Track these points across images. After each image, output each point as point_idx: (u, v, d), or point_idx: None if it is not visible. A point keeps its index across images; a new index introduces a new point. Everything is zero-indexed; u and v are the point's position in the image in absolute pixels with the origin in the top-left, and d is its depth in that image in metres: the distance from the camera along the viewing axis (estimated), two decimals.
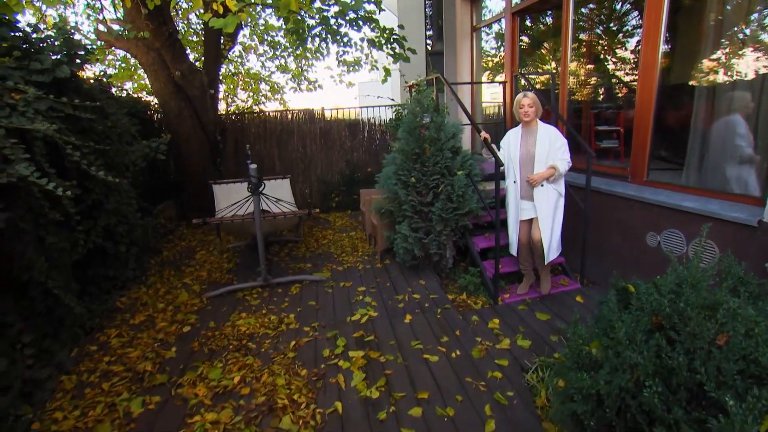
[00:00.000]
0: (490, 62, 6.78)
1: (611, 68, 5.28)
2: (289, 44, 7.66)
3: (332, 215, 6.89)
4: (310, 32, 5.26)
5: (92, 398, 2.35)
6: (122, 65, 7.61)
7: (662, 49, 3.04)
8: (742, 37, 2.97)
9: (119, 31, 5.10)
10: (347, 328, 3.02)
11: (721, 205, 2.66)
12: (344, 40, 5.48)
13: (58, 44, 2.79)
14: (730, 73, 3.06)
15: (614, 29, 5.26)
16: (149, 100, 6.28)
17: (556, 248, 3.17)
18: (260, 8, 7.00)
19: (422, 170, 3.61)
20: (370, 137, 7.31)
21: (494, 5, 5.85)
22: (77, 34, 3.05)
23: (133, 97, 5.99)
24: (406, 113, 4.09)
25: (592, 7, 4.87)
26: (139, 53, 5.05)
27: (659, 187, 3.21)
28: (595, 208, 3.48)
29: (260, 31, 8.03)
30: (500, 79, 5.85)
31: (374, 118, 7.23)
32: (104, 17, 5.34)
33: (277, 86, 9.10)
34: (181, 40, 5.72)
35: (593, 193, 3.45)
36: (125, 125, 3.61)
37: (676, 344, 1.20)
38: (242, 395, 2.28)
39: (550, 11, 5.50)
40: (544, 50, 6.15)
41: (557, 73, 4.52)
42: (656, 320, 1.29)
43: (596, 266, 3.65)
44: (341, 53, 7.33)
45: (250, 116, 7.09)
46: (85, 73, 3.33)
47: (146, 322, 3.20)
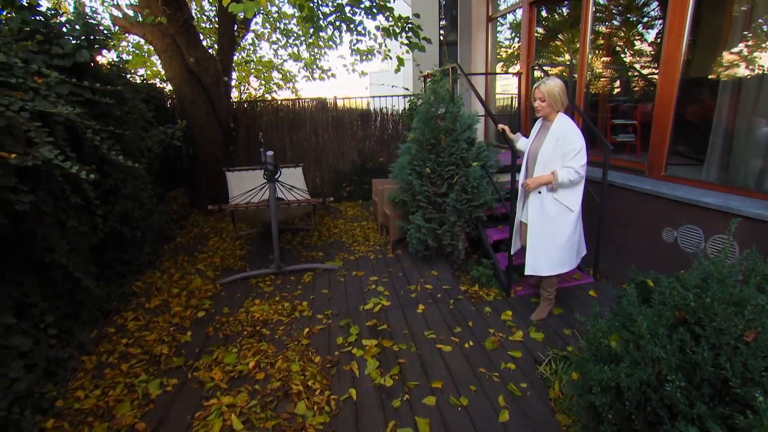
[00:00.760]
0: (504, 53, 6.69)
1: (629, 60, 5.19)
2: (302, 32, 7.62)
3: (343, 204, 6.91)
4: (324, 20, 5.22)
5: (112, 378, 2.40)
6: (135, 52, 7.65)
7: (686, 40, 2.97)
8: None
9: (134, 16, 5.11)
10: (360, 316, 3.04)
11: (742, 201, 2.62)
12: (358, 28, 5.44)
13: (78, 28, 2.80)
14: (757, 66, 2.99)
15: (633, 21, 5.16)
16: (163, 86, 6.29)
17: (543, 266, 2.69)
18: None
19: (437, 160, 3.59)
20: (382, 127, 7.28)
21: None
22: (93, 19, 3.04)
23: (148, 83, 6.00)
24: (421, 103, 4.06)
25: None
26: (154, 39, 5.05)
27: (677, 182, 3.17)
28: (610, 202, 3.45)
29: (273, 18, 7.99)
30: (515, 70, 5.78)
31: (386, 107, 7.20)
32: (118, 2, 5.34)
33: (289, 75, 9.08)
34: (195, 26, 5.72)
35: (609, 187, 3.42)
36: (142, 111, 3.63)
37: (700, 339, 1.20)
38: (257, 380, 2.32)
39: (567, 2, 5.40)
40: (559, 41, 6.06)
41: (574, 64, 4.45)
42: (680, 315, 1.28)
43: (610, 261, 3.62)
44: (354, 42, 7.28)
45: (262, 104, 7.09)
46: (102, 58, 3.34)
47: (161, 306, 3.26)
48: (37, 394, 2.19)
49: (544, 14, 5.63)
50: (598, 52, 4.77)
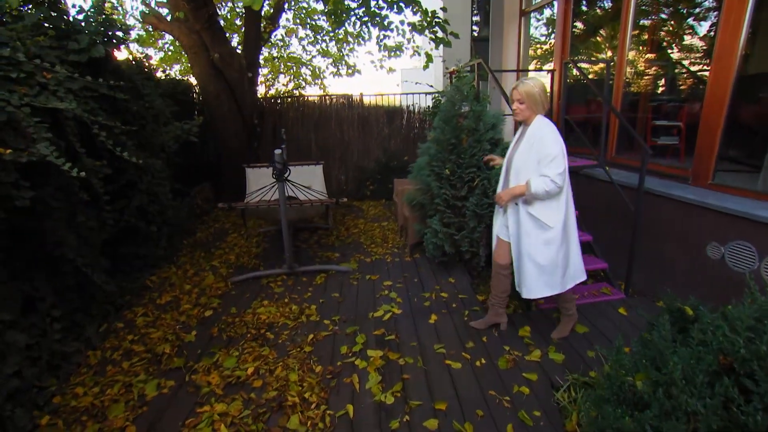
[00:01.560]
0: (538, 50, 6.35)
1: (676, 57, 4.76)
2: (330, 28, 7.55)
3: (366, 203, 6.79)
4: (350, 14, 5.11)
5: (112, 376, 2.38)
6: (170, 48, 7.84)
7: (745, 32, 2.63)
8: None
9: (164, 14, 5.18)
10: (368, 324, 2.90)
11: None
12: (385, 23, 5.29)
13: (94, 24, 2.80)
14: None
15: (683, 12, 4.72)
16: (192, 81, 6.38)
17: (535, 287, 2.41)
18: None
19: (458, 162, 3.39)
20: (408, 125, 7.11)
21: None
22: (115, 15, 3.03)
23: (174, 78, 6.10)
24: (444, 101, 3.86)
25: None
26: (181, 35, 5.10)
27: (727, 191, 2.83)
28: (646, 211, 3.14)
29: (303, 15, 7.97)
30: (549, 67, 5.46)
31: (413, 105, 7.01)
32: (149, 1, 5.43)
33: (318, 71, 9.05)
34: (221, 23, 5.75)
35: (646, 194, 3.12)
36: (159, 106, 3.63)
37: (752, 396, 0.97)
38: (254, 388, 2.23)
39: None
40: (599, 37, 5.66)
41: (613, 62, 4.12)
42: (725, 361, 1.06)
43: (644, 276, 3.32)
44: (382, 37, 7.14)
45: (288, 100, 7.07)
46: (120, 53, 3.35)
47: (172, 302, 3.24)
48: (36, 388, 2.20)
49: (584, 8, 5.27)
50: (640, 47, 4.39)
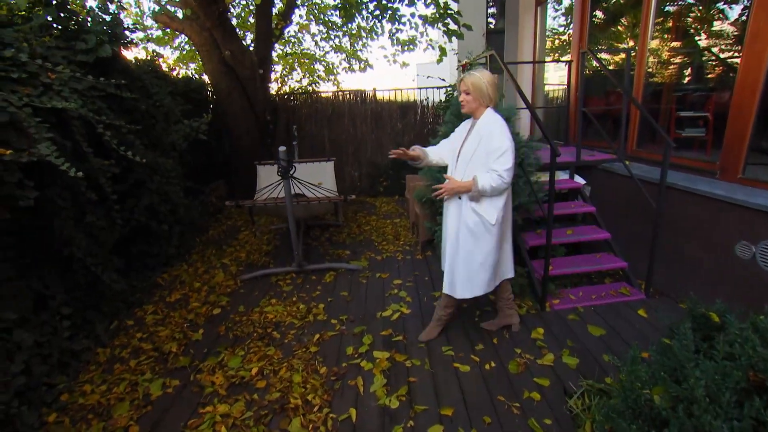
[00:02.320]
0: (555, 41, 6.13)
1: (704, 44, 4.51)
2: (341, 21, 7.49)
3: (379, 200, 6.73)
4: (360, 8, 5.03)
5: (119, 374, 2.39)
6: (186, 47, 7.92)
7: None
8: None
9: (175, 12, 5.20)
10: (376, 324, 2.84)
11: None
12: (396, 16, 5.19)
13: (99, 22, 2.80)
14: None
15: None
16: (205, 79, 6.41)
17: (461, 284, 2.33)
18: None
19: None
20: (422, 120, 7.01)
21: None
22: (127, 14, 3.04)
23: (187, 76, 6.14)
24: (456, 95, 3.75)
25: None
26: (192, 33, 5.11)
27: (759, 186, 2.65)
28: (669, 207, 2.98)
29: (316, 10, 7.93)
30: (566, 58, 5.26)
31: (427, 99, 6.90)
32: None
33: (331, 66, 9.02)
34: (234, 21, 5.75)
35: (669, 190, 2.95)
36: (169, 105, 3.64)
37: None
38: (257, 389, 2.20)
39: None
40: (620, 26, 5.43)
41: (634, 51, 3.92)
42: (756, 378, 0.95)
43: (667, 275, 3.15)
44: (394, 31, 7.03)
45: (301, 97, 7.06)
46: (130, 52, 3.36)
47: (181, 300, 3.25)
48: (45, 386, 2.22)
49: None
50: (665, 36, 4.17)
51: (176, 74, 6.59)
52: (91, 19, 2.83)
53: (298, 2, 7.07)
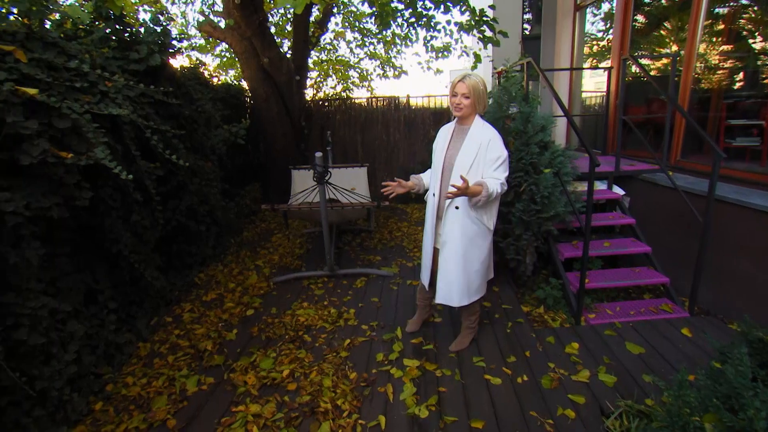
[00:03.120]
0: (594, 46, 5.96)
1: (759, 47, 4.27)
2: (376, 29, 7.58)
3: (410, 206, 6.73)
4: (396, 16, 5.07)
5: (158, 369, 2.49)
6: (226, 55, 8.25)
7: None
8: None
9: (218, 21, 5.43)
10: (406, 332, 2.84)
11: None
12: (431, 23, 5.20)
13: (152, 35, 2.96)
14: None
15: None
16: (243, 86, 6.64)
17: (459, 293, 2.32)
18: None
19: None
20: None
21: None
22: (171, 24, 3.21)
23: (227, 83, 6.37)
24: (490, 102, 3.72)
25: None
26: (233, 42, 5.31)
27: None
28: (716, 221, 2.83)
29: (351, 18, 8.07)
30: (605, 65, 5.11)
31: None
32: (204, 10, 5.72)
33: (365, 73, 9.14)
34: (272, 29, 5.94)
35: (717, 203, 2.81)
36: (210, 110, 3.79)
37: None
38: (288, 391, 2.24)
39: None
40: (664, 30, 5.23)
41: (680, 56, 3.77)
42: None
43: (713, 293, 2.99)
44: (429, 38, 7.05)
45: (335, 103, 7.18)
46: (176, 60, 3.53)
47: (216, 300, 3.36)
48: (92, 375, 2.35)
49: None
50: (714, 39, 3.98)
51: (216, 81, 6.86)
52: (143, 30, 3.00)
53: (334, 10, 7.22)
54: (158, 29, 3.02)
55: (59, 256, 2.28)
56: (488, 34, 4.77)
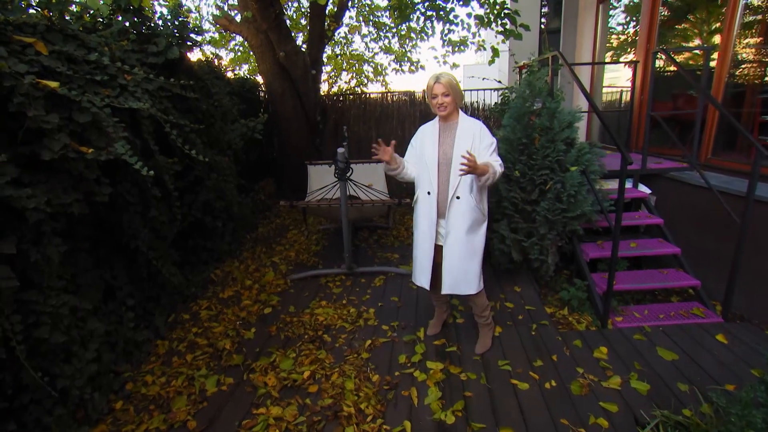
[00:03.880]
0: (616, 40, 5.79)
1: None
2: (393, 23, 7.47)
3: None
4: (414, 9, 4.98)
5: (177, 368, 2.46)
6: (240, 49, 8.22)
7: None
8: None
9: (234, 15, 5.38)
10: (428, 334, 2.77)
11: None
12: (449, 16, 5.09)
13: (169, 26, 2.91)
14: None
15: None
16: (258, 80, 6.59)
17: (466, 282, 2.31)
18: None
19: (529, 163, 3.15)
20: None
21: None
22: (190, 18, 3.15)
23: (242, 77, 6.33)
24: (513, 97, 3.61)
25: None
26: (249, 35, 5.26)
27: None
28: (753, 222, 2.70)
29: (366, 12, 7.97)
30: (628, 59, 4.95)
31: (477, 102, 6.73)
32: (218, 3, 5.67)
33: (380, 68, 9.04)
34: (287, 22, 5.87)
35: (756, 203, 2.68)
36: (227, 105, 3.74)
37: None
38: (309, 393, 2.19)
39: None
40: (688, 23, 5.04)
41: (713, 48, 3.61)
42: None
43: (749, 298, 2.87)
44: (446, 32, 6.92)
45: (350, 98, 7.09)
46: (194, 54, 3.48)
47: (233, 297, 3.33)
48: (112, 373, 2.32)
49: None
50: (748, 31, 3.81)
51: (232, 75, 6.82)
52: (162, 22, 2.95)
53: (349, 4, 7.12)
54: (176, 21, 2.96)
55: (79, 252, 2.25)
56: (509, 27, 4.65)
